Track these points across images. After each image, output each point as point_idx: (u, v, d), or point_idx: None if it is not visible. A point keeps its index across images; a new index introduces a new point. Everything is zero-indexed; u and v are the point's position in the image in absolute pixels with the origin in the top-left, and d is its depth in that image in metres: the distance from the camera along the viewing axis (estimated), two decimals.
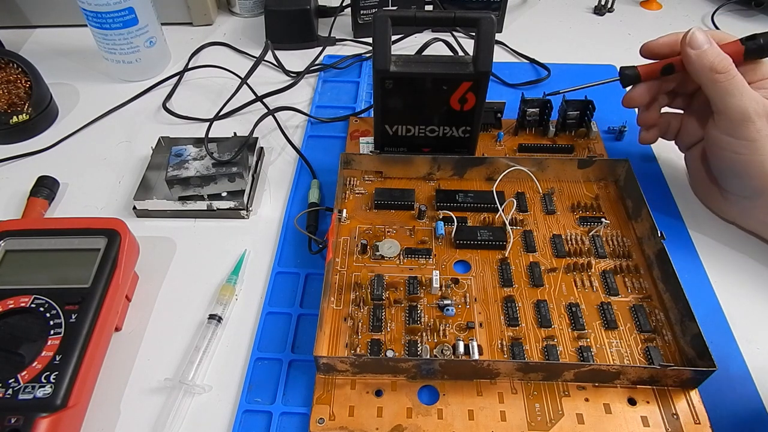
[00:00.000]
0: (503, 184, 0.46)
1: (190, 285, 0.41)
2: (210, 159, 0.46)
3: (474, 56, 0.41)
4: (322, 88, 0.59)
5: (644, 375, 0.34)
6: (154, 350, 0.37)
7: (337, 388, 0.34)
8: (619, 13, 0.70)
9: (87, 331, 0.33)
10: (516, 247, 0.42)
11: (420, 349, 0.36)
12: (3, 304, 0.34)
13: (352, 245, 0.42)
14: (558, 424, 0.33)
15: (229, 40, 0.65)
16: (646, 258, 0.41)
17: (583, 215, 0.44)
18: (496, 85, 0.58)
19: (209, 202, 0.45)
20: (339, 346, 0.36)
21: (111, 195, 0.48)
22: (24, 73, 0.53)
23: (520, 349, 0.36)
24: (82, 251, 0.37)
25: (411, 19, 0.41)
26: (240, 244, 0.44)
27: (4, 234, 0.38)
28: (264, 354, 0.37)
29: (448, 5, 0.64)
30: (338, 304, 0.38)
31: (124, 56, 0.57)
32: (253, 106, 0.55)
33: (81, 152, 0.52)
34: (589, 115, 0.50)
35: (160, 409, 0.34)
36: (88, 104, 0.57)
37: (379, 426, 0.33)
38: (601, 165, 0.46)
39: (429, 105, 0.44)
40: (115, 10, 0.53)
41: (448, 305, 0.38)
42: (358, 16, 0.64)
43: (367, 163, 0.47)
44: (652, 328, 0.37)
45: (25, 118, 0.52)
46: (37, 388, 0.31)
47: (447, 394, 0.34)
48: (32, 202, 0.45)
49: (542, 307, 0.38)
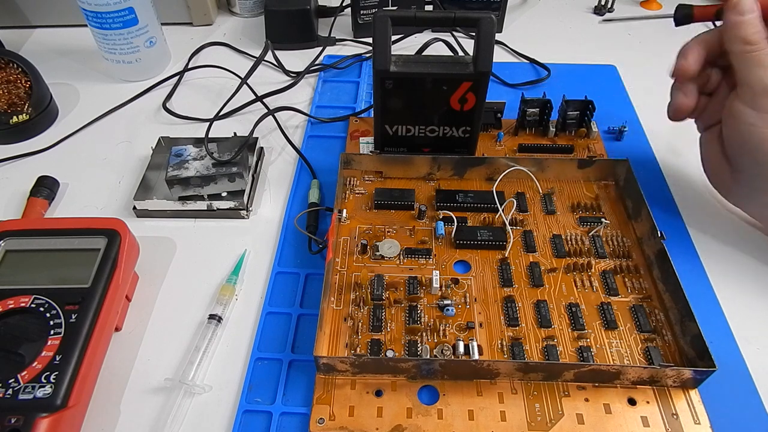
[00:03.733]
0: (503, 184, 0.46)
1: (190, 285, 0.41)
2: (210, 159, 0.46)
3: (474, 56, 0.41)
4: (322, 88, 0.59)
5: (644, 375, 0.34)
6: (154, 350, 0.37)
7: (337, 388, 0.34)
8: (619, 13, 0.70)
9: (87, 331, 0.33)
10: (516, 247, 0.42)
11: (420, 349, 0.36)
12: (3, 304, 0.34)
13: (352, 245, 0.42)
14: (558, 424, 0.33)
15: (229, 40, 0.65)
16: (646, 258, 0.41)
17: (583, 215, 0.44)
18: (496, 85, 0.58)
19: (209, 202, 0.45)
20: (339, 346, 0.36)
21: (111, 195, 0.48)
22: (24, 73, 0.53)
23: (520, 349, 0.36)
24: (82, 251, 0.37)
25: (411, 19, 0.41)
26: (240, 244, 0.44)
27: (4, 234, 0.38)
28: (264, 354, 0.37)
29: (448, 5, 0.64)
30: (338, 304, 0.38)
31: (124, 56, 0.57)
32: (253, 106, 0.55)
33: (81, 152, 0.52)
34: (589, 115, 0.50)
35: (160, 409, 0.34)
36: (88, 104, 0.57)
37: (379, 426, 0.33)
38: (601, 165, 0.46)
39: (429, 105, 0.44)
40: (115, 10, 0.53)
41: (448, 305, 0.38)
42: (358, 16, 0.64)
43: (367, 163, 0.47)
44: (652, 328, 0.37)
45: (25, 118, 0.52)
46: (37, 388, 0.31)
47: (447, 394, 0.34)
48: (32, 202, 0.45)
49: (542, 307, 0.38)
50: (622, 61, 0.62)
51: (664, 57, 0.62)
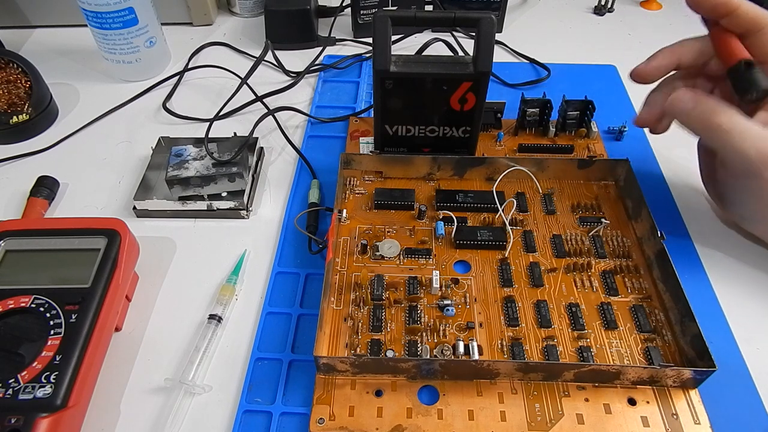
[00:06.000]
0: (503, 184, 0.46)
1: (190, 285, 0.41)
2: (210, 159, 0.46)
3: (474, 56, 0.41)
4: (322, 88, 0.59)
5: (644, 375, 0.34)
6: (154, 350, 0.37)
7: (337, 388, 0.34)
8: (619, 13, 0.70)
9: (87, 331, 0.33)
10: (516, 247, 0.42)
11: (420, 349, 0.36)
12: (3, 304, 0.34)
13: (352, 245, 0.42)
14: (558, 424, 0.33)
15: (229, 40, 0.65)
16: (646, 258, 0.41)
17: (583, 215, 0.44)
18: (496, 85, 0.58)
19: (209, 202, 0.45)
20: (339, 346, 0.36)
21: (111, 195, 0.48)
22: (24, 73, 0.53)
23: (520, 349, 0.36)
24: (82, 251, 0.37)
25: (411, 19, 0.41)
26: (240, 244, 0.44)
27: (4, 234, 0.38)
28: (264, 354, 0.37)
29: (448, 5, 0.64)
30: (338, 304, 0.38)
31: (124, 56, 0.57)
32: (253, 106, 0.55)
33: (81, 152, 0.52)
34: (589, 115, 0.50)
35: (160, 409, 0.34)
36: (88, 104, 0.57)
37: (379, 426, 0.33)
38: (601, 165, 0.46)
39: (429, 105, 0.44)
40: (115, 10, 0.53)
41: (448, 305, 0.38)
42: (358, 16, 0.64)
43: (367, 163, 0.47)
44: (652, 328, 0.37)
45: (25, 118, 0.52)
46: (37, 388, 0.31)
47: (447, 394, 0.34)
48: (32, 202, 0.45)
49: (542, 307, 0.38)
50: (622, 61, 0.62)
51: None
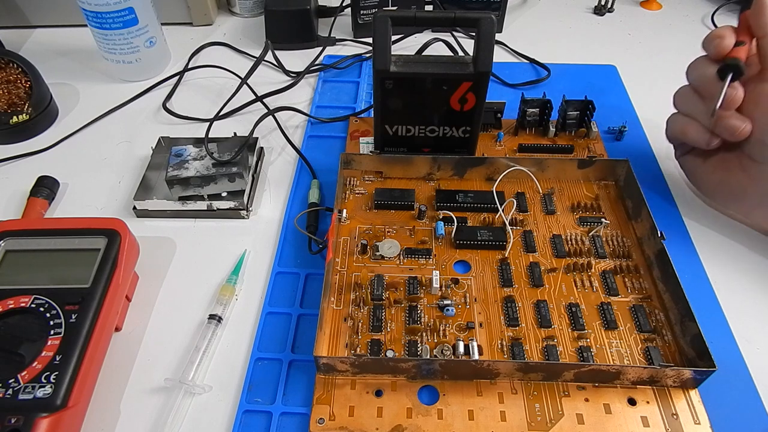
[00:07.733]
0: (503, 184, 0.46)
1: (190, 285, 0.41)
2: (210, 159, 0.46)
3: (474, 56, 0.41)
4: (322, 88, 0.59)
5: (644, 375, 0.34)
6: (154, 350, 0.37)
7: (337, 388, 0.34)
8: (619, 13, 0.70)
9: (87, 331, 0.33)
10: (516, 247, 0.42)
11: (420, 349, 0.36)
12: (3, 304, 0.34)
13: (352, 245, 0.42)
14: (558, 424, 0.33)
15: (229, 40, 0.65)
16: (646, 258, 0.41)
17: (583, 215, 0.44)
18: (496, 85, 0.58)
19: (209, 202, 0.45)
20: (339, 346, 0.36)
21: (111, 195, 0.48)
22: (24, 73, 0.53)
23: (520, 349, 0.36)
24: (82, 251, 0.37)
25: (411, 19, 0.41)
26: (240, 244, 0.44)
27: (4, 234, 0.38)
28: (264, 354, 0.37)
29: (448, 5, 0.64)
30: (338, 304, 0.38)
31: (124, 56, 0.57)
32: (253, 106, 0.55)
33: (81, 152, 0.52)
34: (589, 115, 0.50)
35: (160, 409, 0.34)
36: (88, 104, 0.57)
37: (379, 426, 0.33)
38: (601, 165, 0.46)
39: (429, 105, 0.44)
40: (115, 10, 0.53)
41: (448, 305, 0.38)
42: (358, 16, 0.64)
43: (367, 163, 0.47)
44: (652, 328, 0.37)
45: (25, 118, 0.52)
46: (37, 388, 0.31)
47: (447, 394, 0.34)
48: (32, 202, 0.45)
49: (542, 307, 0.38)
50: (622, 61, 0.62)
51: (664, 57, 0.63)
